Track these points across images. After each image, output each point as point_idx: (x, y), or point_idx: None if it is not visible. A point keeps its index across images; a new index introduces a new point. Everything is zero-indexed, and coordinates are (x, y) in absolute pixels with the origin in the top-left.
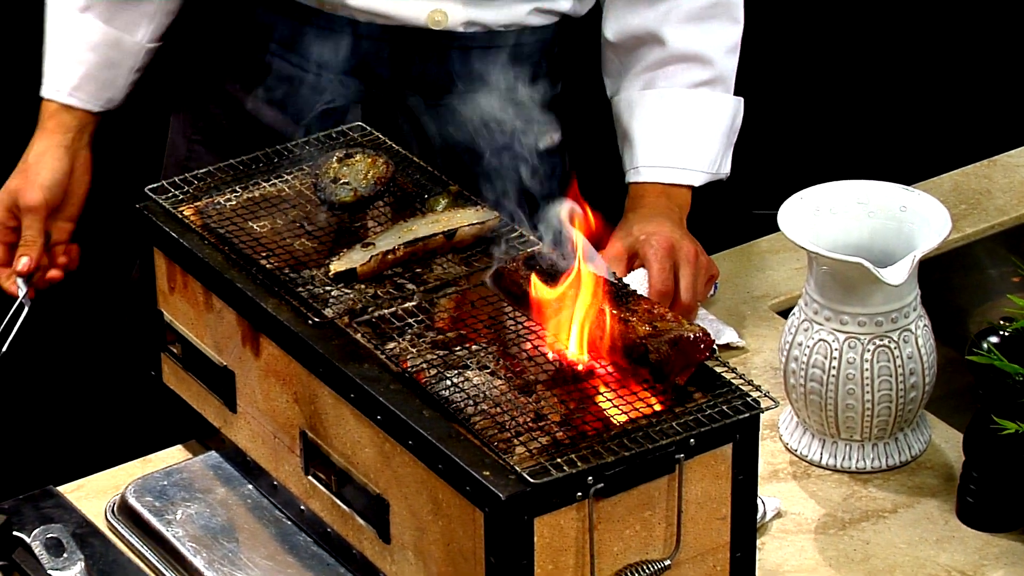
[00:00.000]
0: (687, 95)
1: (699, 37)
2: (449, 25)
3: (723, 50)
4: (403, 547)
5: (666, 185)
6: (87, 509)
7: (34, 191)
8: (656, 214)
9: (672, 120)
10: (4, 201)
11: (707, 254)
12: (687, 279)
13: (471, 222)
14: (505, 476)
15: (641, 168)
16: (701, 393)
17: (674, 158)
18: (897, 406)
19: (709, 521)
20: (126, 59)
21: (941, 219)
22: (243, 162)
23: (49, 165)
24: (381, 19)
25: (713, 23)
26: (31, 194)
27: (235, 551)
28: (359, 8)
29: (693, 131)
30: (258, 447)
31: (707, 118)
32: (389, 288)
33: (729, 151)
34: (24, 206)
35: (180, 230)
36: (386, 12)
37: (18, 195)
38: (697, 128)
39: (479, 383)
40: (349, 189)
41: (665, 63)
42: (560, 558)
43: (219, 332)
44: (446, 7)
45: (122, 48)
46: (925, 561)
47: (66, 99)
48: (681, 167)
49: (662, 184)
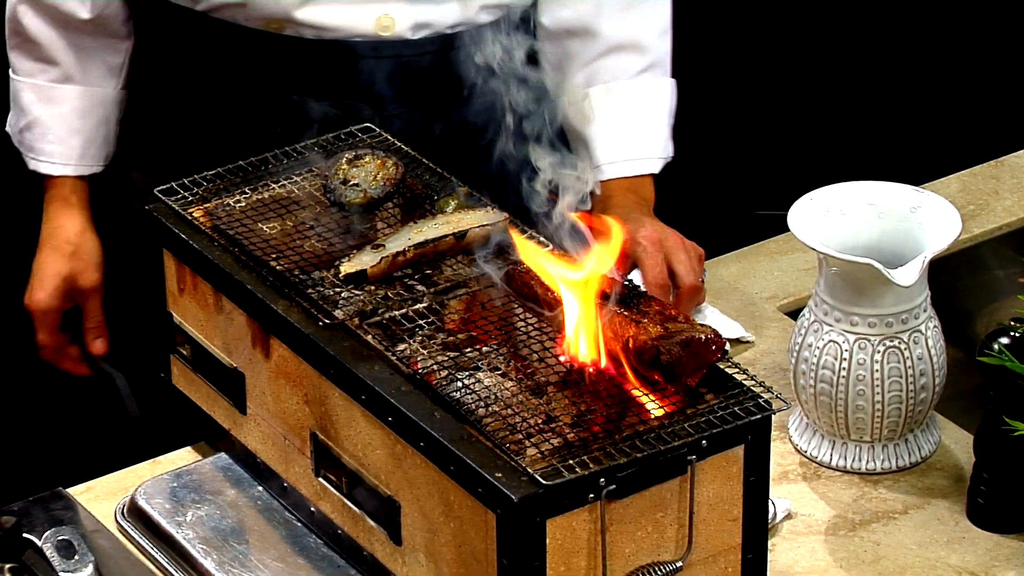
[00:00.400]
0: (631, 85)
1: (632, 25)
2: (398, 31)
3: (656, 34)
4: (414, 549)
5: (630, 179)
6: (97, 511)
7: (92, 272)
8: (629, 211)
9: (622, 113)
10: (62, 288)
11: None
12: (683, 264)
13: (481, 223)
14: (517, 478)
15: (603, 166)
16: (713, 394)
17: (632, 150)
18: (907, 407)
19: (721, 523)
20: (112, 111)
21: (951, 220)
22: (252, 163)
23: (94, 243)
24: (329, 33)
25: (644, 8)
26: (90, 276)
27: (245, 553)
28: (306, 23)
29: (643, 120)
30: (268, 449)
31: (653, 104)
32: (399, 289)
33: (671, 132)
34: (86, 288)
35: (190, 232)
36: (333, 24)
37: (76, 280)
38: (646, 116)
39: (490, 385)
40: (359, 191)
41: (603, 56)
42: (572, 560)
43: (229, 334)
44: (392, 11)
45: (106, 103)
46: (936, 562)
47: (78, 171)
48: (641, 157)
49: (626, 178)
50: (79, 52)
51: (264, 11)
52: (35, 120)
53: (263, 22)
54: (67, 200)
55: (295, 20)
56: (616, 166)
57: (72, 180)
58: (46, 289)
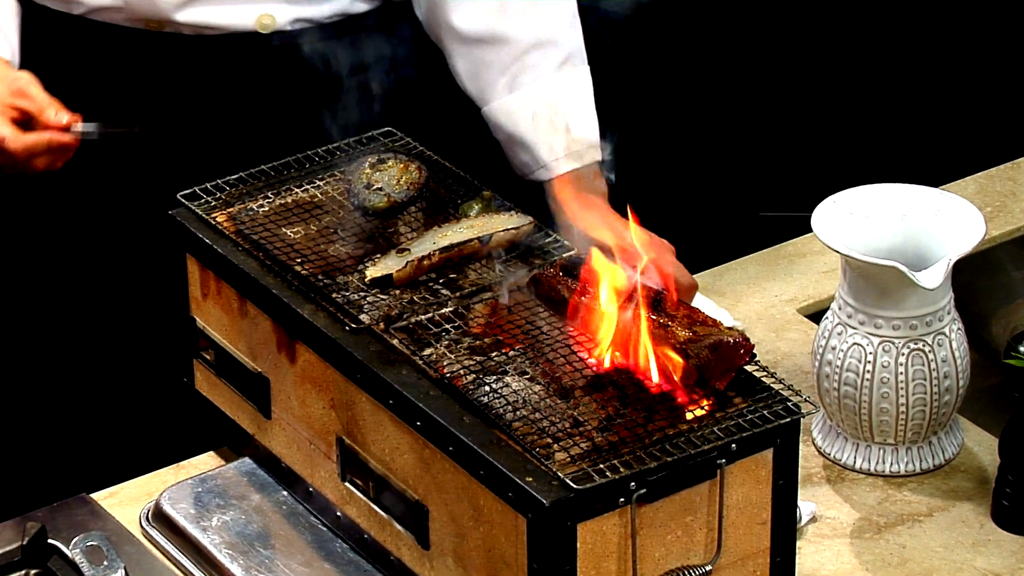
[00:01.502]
0: (555, 81)
1: (540, 22)
2: (278, 27)
3: (566, 26)
4: (443, 553)
5: (579, 173)
6: (121, 516)
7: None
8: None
9: (554, 109)
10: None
11: None
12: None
13: (506, 227)
14: (548, 482)
15: (549, 164)
16: (741, 398)
17: (574, 143)
18: (931, 409)
19: (750, 526)
20: None
21: (975, 222)
22: (275, 168)
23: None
24: (209, 30)
25: (547, 3)
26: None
27: (271, 558)
28: (186, 23)
29: (575, 111)
30: (293, 453)
31: (579, 95)
32: (424, 294)
33: None
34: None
35: (213, 236)
36: (214, 23)
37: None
38: (576, 107)
39: (518, 389)
40: (383, 195)
41: (520, 57)
42: (602, 564)
43: (254, 338)
44: (272, 9)
45: None
46: (962, 565)
47: None
48: (582, 148)
49: (575, 173)
50: None
51: (142, 13)
52: None
53: (142, 23)
54: None
55: (175, 21)
56: (562, 162)
57: None
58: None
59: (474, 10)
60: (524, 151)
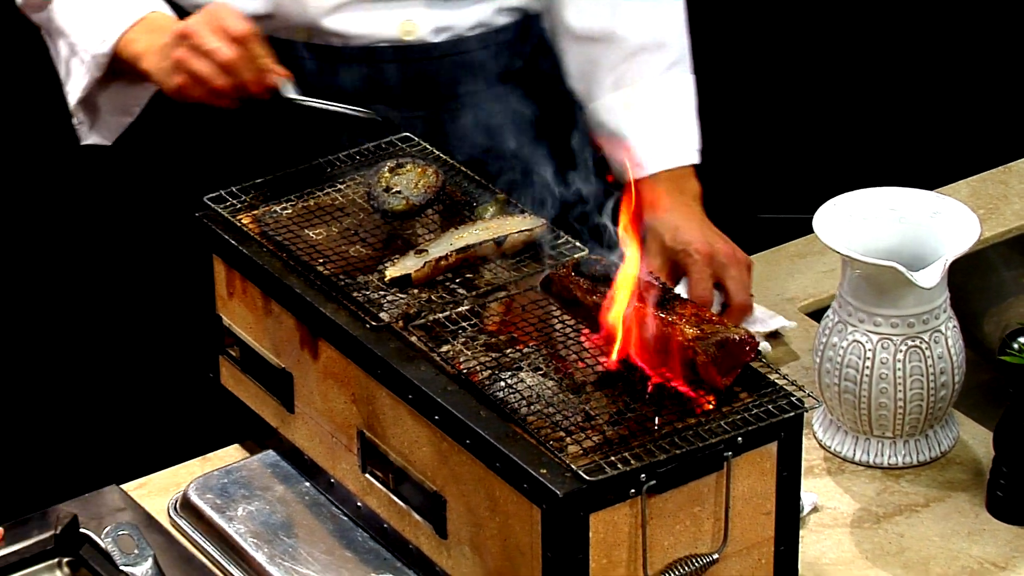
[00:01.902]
0: (661, 83)
1: (652, 25)
2: (420, 35)
3: (676, 32)
4: (460, 542)
5: (674, 173)
6: (150, 506)
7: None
8: (681, 217)
9: (657, 110)
10: None
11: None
12: (735, 280)
13: (519, 229)
14: (561, 474)
15: (645, 162)
16: (747, 393)
17: (672, 143)
18: (928, 404)
19: (755, 516)
20: None
21: (970, 224)
22: (298, 172)
23: None
24: (356, 40)
25: (660, 7)
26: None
27: (295, 546)
28: (332, 32)
29: (677, 114)
30: (315, 446)
31: (681, 100)
32: (441, 293)
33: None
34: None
35: (239, 238)
36: (357, 32)
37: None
38: (677, 111)
39: (532, 384)
40: (401, 198)
41: (629, 58)
42: (614, 552)
43: (278, 336)
44: (414, 16)
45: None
46: (958, 553)
47: None
48: (679, 149)
49: (670, 173)
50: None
51: (291, 21)
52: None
53: (290, 32)
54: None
55: (322, 28)
56: (658, 161)
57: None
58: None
59: (587, 9)
60: (622, 151)
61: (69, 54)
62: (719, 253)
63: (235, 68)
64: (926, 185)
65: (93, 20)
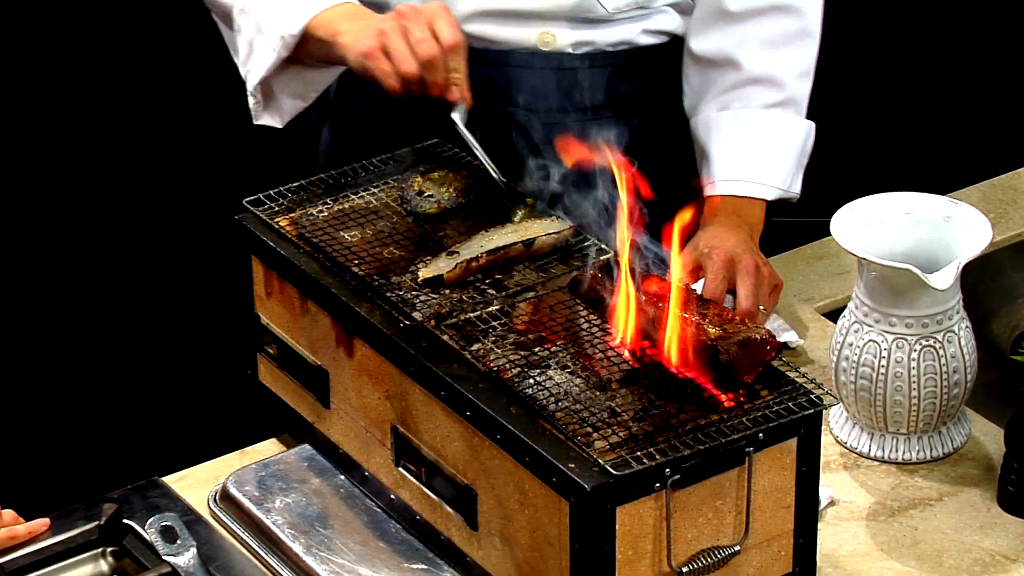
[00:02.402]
0: (761, 115)
1: (773, 61)
2: (558, 46)
3: (796, 74)
4: (490, 534)
5: (739, 201)
6: (190, 498)
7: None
8: (724, 230)
9: (746, 138)
10: None
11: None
12: (745, 288)
13: (547, 232)
14: (589, 468)
15: (717, 182)
16: (768, 391)
17: (747, 173)
18: (941, 402)
19: (775, 510)
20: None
21: (982, 228)
22: (333, 176)
23: None
24: (495, 44)
25: (788, 48)
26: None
27: (330, 537)
28: (474, 35)
29: (765, 149)
30: (350, 441)
31: (779, 137)
32: (472, 293)
33: (800, 171)
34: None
35: (276, 239)
36: (496, 37)
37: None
38: (769, 146)
39: (560, 381)
40: (433, 201)
41: (740, 86)
42: (639, 544)
43: (314, 334)
44: (554, 29)
45: None
46: (971, 546)
47: None
48: (754, 181)
49: (735, 199)
50: None
51: None
52: None
53: None
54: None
55: (464, 31)
56: (727, 184)
57: None
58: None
59: (713, 37)
60: (705, 165)
61: (255, 33)
62: (740, 261)
63: (429, 65)
64: (938, 190)
65: (284, 4)
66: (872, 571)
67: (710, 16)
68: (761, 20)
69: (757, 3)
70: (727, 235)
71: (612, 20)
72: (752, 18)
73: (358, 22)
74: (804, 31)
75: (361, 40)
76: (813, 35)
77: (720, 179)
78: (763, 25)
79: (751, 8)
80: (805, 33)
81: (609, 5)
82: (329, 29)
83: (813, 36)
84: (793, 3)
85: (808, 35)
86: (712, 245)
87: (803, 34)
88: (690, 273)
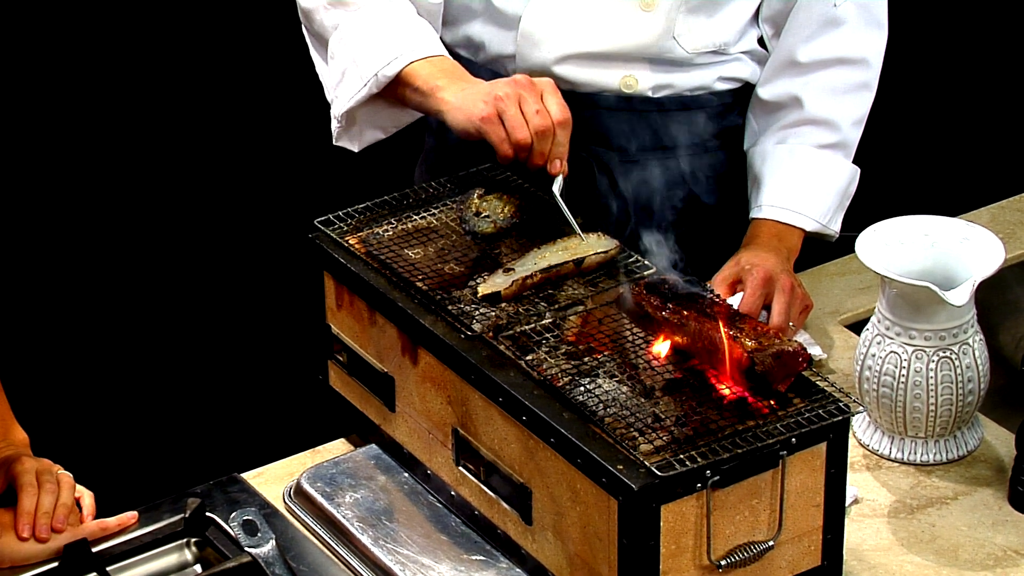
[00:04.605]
0: (813, 153)
1: (833, 106)
2: (640, 89)
3: (851, 121)
4: (543, 529)
5: (781, 226)
6: (267, 493)
7: None
8: (765, 251)
9: (796, 171)
10: None
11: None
12: (779, 305)
13: (596, 251)
14: (636, 470)
15: (763, 206)
16: (800, 399)
17: (791, 202)
18: (956, 408)
19: (806, 508)
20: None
21: (996, 249)
22: (396, 198)
23: None
24: (580, 87)
25: (848, 96)
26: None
27: (395, 530)
28: (560, 77)
29: (811, 183)
30: (414, 442)
31: (826, 175)
32: (527, 306)
33: (841, 212)
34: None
35: (346, 256)
36: (582, 80)
37: None
38: (815, 181)
39: (608, 389)
40: (489, 221)
41: (799, 124)
42: (681, 539)
43: (381, 344)
44: (636, 73)
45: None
46: (984, 542)
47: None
48: (796, 211)
49: (777, 223)
50: None
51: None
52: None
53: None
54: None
55: (552, 74)
56: (772, 209)
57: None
58: None
59: (779, 84)
60: (755, 191)
61: (349, 63)
62: (777, 280)
63: (542, 136)
64: (950, 211)
65: (383, 44)
66: (893, 564)
67: (781, 65)
68: (828, 70)
69: (826, 55)
70: (768, 255)
71: (691, 64)
72: (820, 68)
73: (463, 84)
74: (865, 84)
75: (475, 104)
76: (872, 88)
77: (767, 204)
78: (829, 74)
79: (820, 59)
80: (865, 86)
81: (688, 46)
82: (429, 83)
83: (871, 89)
84: (860, 57)
85: (868, 88)
86: (753, 263)
87: (864, 86)
88: (728, 286)
